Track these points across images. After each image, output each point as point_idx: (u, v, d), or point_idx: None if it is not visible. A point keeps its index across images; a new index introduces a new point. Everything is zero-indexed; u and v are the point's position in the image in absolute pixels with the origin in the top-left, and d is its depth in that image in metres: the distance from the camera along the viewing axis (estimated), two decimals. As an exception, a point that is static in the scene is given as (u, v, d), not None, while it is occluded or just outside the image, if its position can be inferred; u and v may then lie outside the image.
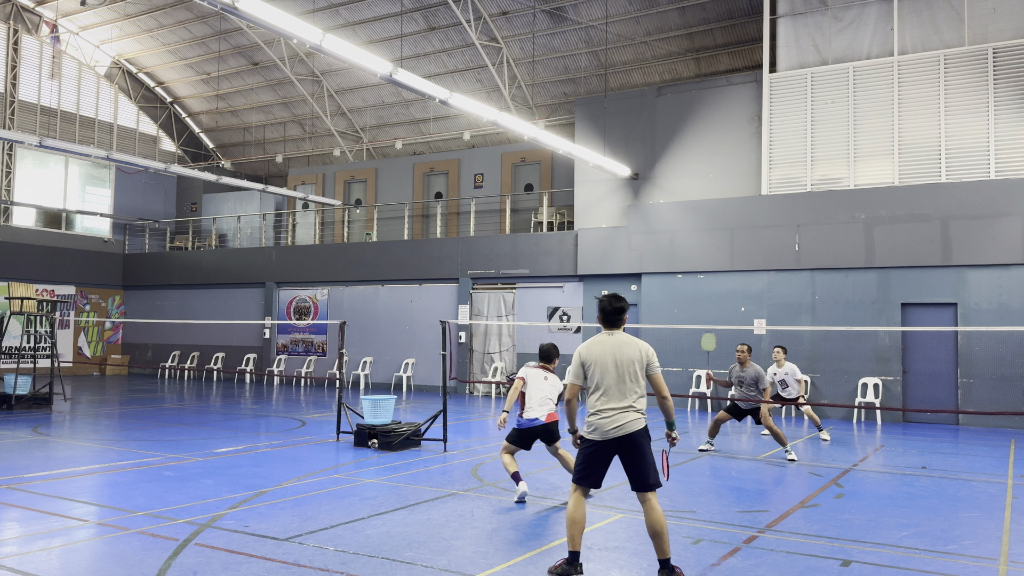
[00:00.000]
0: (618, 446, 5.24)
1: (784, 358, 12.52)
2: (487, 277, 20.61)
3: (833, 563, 5.72)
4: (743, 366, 10.95)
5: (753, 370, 10.88)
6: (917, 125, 15.80)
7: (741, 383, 10.94)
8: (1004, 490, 8.60)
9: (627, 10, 20.19)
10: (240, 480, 8.52)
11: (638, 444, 5.23)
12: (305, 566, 5.45)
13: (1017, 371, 14.53)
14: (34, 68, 25.56)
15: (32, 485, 8.15)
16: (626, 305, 5.56)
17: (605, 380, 5.30)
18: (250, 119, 29.23)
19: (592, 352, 5.40)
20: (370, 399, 11.14)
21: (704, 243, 17.42)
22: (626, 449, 5.24)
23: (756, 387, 10.88)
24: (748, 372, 10.90)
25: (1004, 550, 6.14)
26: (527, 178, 23.03)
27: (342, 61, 11.22)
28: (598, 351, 5.38)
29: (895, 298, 15.60)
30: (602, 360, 5.34)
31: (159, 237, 28.31)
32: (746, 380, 10.90)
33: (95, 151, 18.13)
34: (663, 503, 7.67)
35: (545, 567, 5.51)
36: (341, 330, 12.58)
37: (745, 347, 11.01)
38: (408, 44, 23.26)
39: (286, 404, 17.50)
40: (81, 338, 26.09)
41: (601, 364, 5.33)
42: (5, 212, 24.66)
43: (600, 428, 5.25)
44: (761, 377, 10.89)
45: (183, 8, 24.02)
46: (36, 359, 17.47)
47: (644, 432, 5.28)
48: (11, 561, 5.50)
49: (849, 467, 10.00)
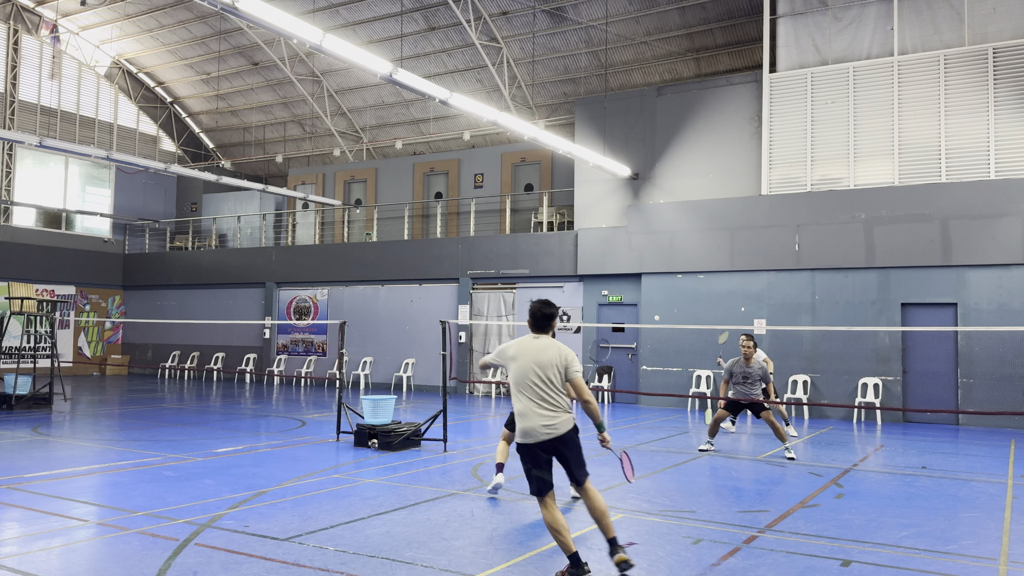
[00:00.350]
0: (551, 447, 5.40)
1: (754, 349, 12.60)
2: (487, 277, 20.61)
3: (833, 563, 5.72)
4: (748, 361, 10.84)
5: (759, 365, 10.82)
6: (917, 125, 15.80)
7: (745, 379, 10.83)
8: (1004, 490, 8.60)
9: (627, 10, 20.19)
10: (240, 480, 8.52)
11: (569, 444, 5.42)
12: (305, 566, 5.45)
13: (1017, 371, 14.53)
14: (34, 68, 25.56)
15: (32, 485, 8.15)
16: (556, 312, 5.69)
17: (527, 382, 5.42)
18: (250, 119, 29.23)
19: (515, 350, 5.56)
20: (370, 399, 11.14)
21: (704, 243, 17.42)
22: (558, 450, 5.42)
23: (761, 383, 10.85)
24: (754, 368, 10.80)
25: (1004, 550, 6.14)
26: (527, 178, 23.04)
27: (342, 61, 11.22)
28: (520, 351, 5.53)
29: (895, 298, 15.60)
30: (522, 361, 5.47)
31: (159, 237, 28.32)
32: (751, 376, 10.79)
33: (95, 151, 18.13)
34: (663, 503, 7.68)
35: (545, 567, 5.51)
36: (341, 330, 12.58)
37: (751, 341, 10.90)
38: (408, 44, 23.27)
39: (286, 404, 17.50)
40: (81, 338, 26.09)
41: (523, 366, 5.46)
42: (5, 212, 24.66)
43: (532, 433, 5.37)
44: (767, 372, 10.86)
45: (183, 8, 24.02)
46: (36, 359, 17.48)
47: (573, 431, 5.46)
48: (11, 561, 5.50)
49: (849, 467, 10.00)
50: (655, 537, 6.39)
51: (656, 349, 17.87)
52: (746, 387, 10.84)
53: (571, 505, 7.50)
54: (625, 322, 18.63)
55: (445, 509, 7.25)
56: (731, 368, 10.98)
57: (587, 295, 19.29)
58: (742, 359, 10.92)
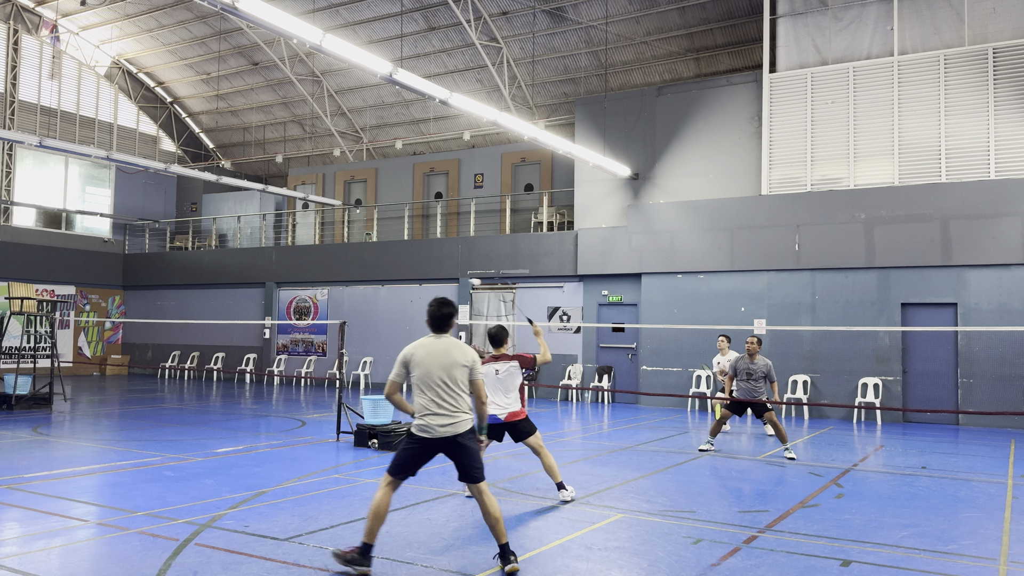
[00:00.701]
0: (445, 445, 5.50)
1: (728, 347, 13.05)
2: (487, 277, 20.61)
3: (833, 563, 5.72)
4: (752, 358, 10.90)
5: (763, 362, 10.86)
6: (917, 125, 15.80)
7: (750, 376, 10.85)
8: (1004, 490, 8.60)
9: (627, 10, 20.19)
10: (240, 480, 8.52)
11: (465, 443, 5.52)
12: (305, 566, 5.45)
13: (1017, 371, 14.53)
14: (34, 68, 25.56)
15: (32, 485, 8.15)
16: (455, 311, 5.73)
17: (431, 382, 5.50)
18: (250, 119, 29.23)
19: (417, 353, 5.59)
20: (370, 399, 11.14)
21: (704, 243, 17.42)
22: (454, 448, 5.51)
23: (766, 380, 10.88)
24: (758, 364, 10.85)
25: (1004, 550, 6.14)
26: (527, 178, 23.04)
27: (342, 61, 11.22)
28: (423, 353, 5.57)
29: (895, 298, 15.60)
30: (427, 362, 5.53)
31: (159, 237, 28.32)
32: (755, 373, 10.82)
33: (95, 151, 18.13)
34: (663, 503, 7.68)
35: (545, 567, 5.51)
36: (341, 330, 12.58)
37: (755, 339, 10.99)
38: (408, 44, 23.27)
39: (286, 404, 17.50)
40: (81, 338, 26.09)
41: (426, 366, 5.52)
42: (5, 212, 24.66)
43: (430, 429, 5.46)
44: (771, 370, 10.90)
45: (183, 8, 24.02)
46: (36, 359, 17.48)
47: (471, 431, 5.58)
48: (11, 561, 5.50)
49: (849, 467, 10.00)
50: (655, 537, 6.39)
51: (656, 349, 17.87)
52: (750, 384, 10.85)
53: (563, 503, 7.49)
54: (625, 322, 18.63)
55: (445, 509, 7.25)
56: (735, 365, 11.02)
57: (587, 295, 19.29)
58: (747, 356, 10.96)
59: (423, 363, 5.53)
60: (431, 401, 5.48)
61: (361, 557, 5.26)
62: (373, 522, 5.34)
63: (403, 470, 5.52)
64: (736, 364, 11.01)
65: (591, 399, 18.88)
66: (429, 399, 5.48)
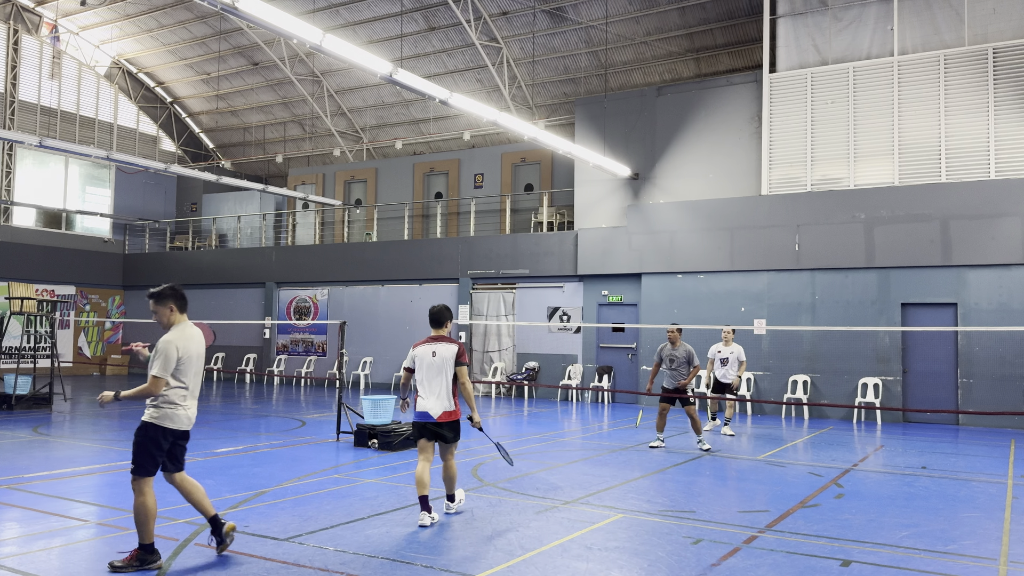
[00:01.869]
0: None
1: (732, 338, 13.24)
2: (487, 277, 20.61)
3: (833, 563, 5.72)
4: (674, 345, 11.25)
5: (684, 349, 11.23)
6: (917, 125, 15.80)
7: (672, 362, 11.22)
8: (1004, 490, 8.60)
9: (627, 10, 20.19)
10: (240, 480, 8.52)
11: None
12: (305, 566, 5.45)
13: (1017, 371, 14.53)
14: (34, 68, 25.56)
15: (32, 485, 8.15)
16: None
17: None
18: (250, 119, 29.23)
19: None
20: (370, 399, 11.14)
21: (704, 243, 17.42)
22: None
23: (688, 366, 11.21)
24: (679, 351, 11.21)
25: (1004, 550, 6.14)
26: (527, 178, 23.04)
27: (342, 61, 11.22)
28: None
29: (895, 298, 15.60)
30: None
31: (159, 237, 28.32)
32: (677, 359, 11.17)
33: (95, 151, 18.13)
34: (663, 503, 7.68)
35: (546, 568, 5.51)
36: (341, 330, 12.58)
37: (676, 327, 11.39)
38: (408, 44, 23.27)
39: (286, 404, 17.50)
40: (81, 338, 26.10)
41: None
42: (5, 212, 24.66)
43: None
44: (692, 355, 11.23)
45: (183, 8, 24.02)
46: (36, 359, 17.47)
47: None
48: (11, 561, 5.50)
49: (849, 467, 10.00)
50: (655, 537, 6.39)
51: (656, 349, 17.84)
52: (672, 369, 11.25)
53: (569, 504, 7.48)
54: (625, 322, 18.63)
55: (444, 509, 7.24)
56: (660, 353, 11.39)
57: (587, 295, 19.29)
58: (668, 344, 11.32)
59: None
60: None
61: (150, 555, 5.41)
62: (148, 524, 5.43)
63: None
64: (660, 352, 11.39)
65: (591, 399, 18.88)
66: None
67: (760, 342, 16.64)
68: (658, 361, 11.37)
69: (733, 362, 13.04)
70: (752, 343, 16.45)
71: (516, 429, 13.79)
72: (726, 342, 13.23)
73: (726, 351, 13.15)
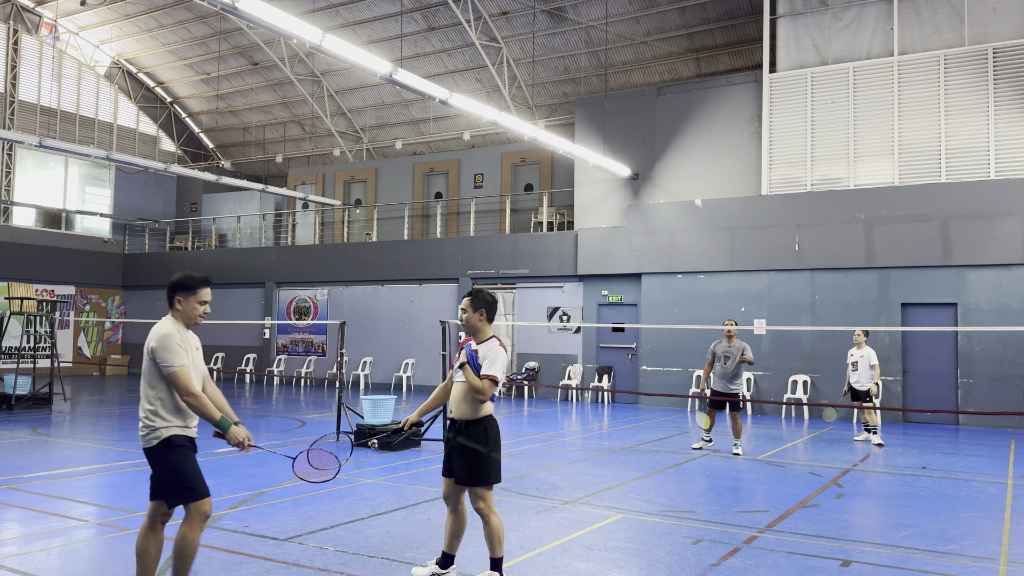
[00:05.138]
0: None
1: (864, 341, 12.47)
2: (487, 277, 20.61)
3: (833, 563, 5.72)
4: (730, 340, 11.03)
5: (739, 345, 11.00)
6: (917, 125, 15.80)
7: (727, 359, 10.98)
8: (1004, 490, 8.60)
9: (627, 10, 20.19)
10: (240, 480, 8.52)
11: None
12: (305, 566, 5.45)
13: (1017, 371, 14.53)
14: (34, 68, 25.55)
15: (32, 485, 8.15)
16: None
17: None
18: (250, 119, 29.23)
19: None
20: (370, 399, 11.14)
21: (704, 243, 17.42)
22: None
23: (740, 364, 11.00)
24: (735, 347, 10.99)
25: (1004, 550, 6.14)
26: (527, 178, 23.03)
27: (342, 61, 11.22)
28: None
29: (895, 298, 15.60)
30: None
31: (159, 237, 28.31)
32: (732, 356, 10.95)
33: (95, 151, 18.13)
34: (663, 503, 7.67)
35: (546, 568, 5.51)
36: (341, 330, 12.58)
37: (733, 322, 11.17)
38: (408, 44, 23.26)
39: (286, 404, 17.50)
40: (81, 338, 26.09)
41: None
42: (5, 212, 24.66)
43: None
44: (747, 349, 11.00)
45: (183, 8, 24.02)
46: (36, 359, 17.47)
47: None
48: (11, 561, 5.50)
49: (849, 467, 10.00)
50: (655, 537, 6.38)
51: (656, 349, 17.87)
52: (726, 366, 10.92)
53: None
54: (625, 322, 18.63)
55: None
56: (713, 350, 11.14)
57: (587, 295, 19.29)
58: (724, 340, 11.09)
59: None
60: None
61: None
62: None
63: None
64: (714, 348, 11.12)
65: (591, 399, 18.87)
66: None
67: (760, 342, 16.64)
68: (711, 359, 11.07)
69: (864, 367, 12.30)
70: (752, 343, 16.44)
71: (516, 429, 13.79)
72: (858, 345, 12.37)
73: (857, 354, 12.39)
